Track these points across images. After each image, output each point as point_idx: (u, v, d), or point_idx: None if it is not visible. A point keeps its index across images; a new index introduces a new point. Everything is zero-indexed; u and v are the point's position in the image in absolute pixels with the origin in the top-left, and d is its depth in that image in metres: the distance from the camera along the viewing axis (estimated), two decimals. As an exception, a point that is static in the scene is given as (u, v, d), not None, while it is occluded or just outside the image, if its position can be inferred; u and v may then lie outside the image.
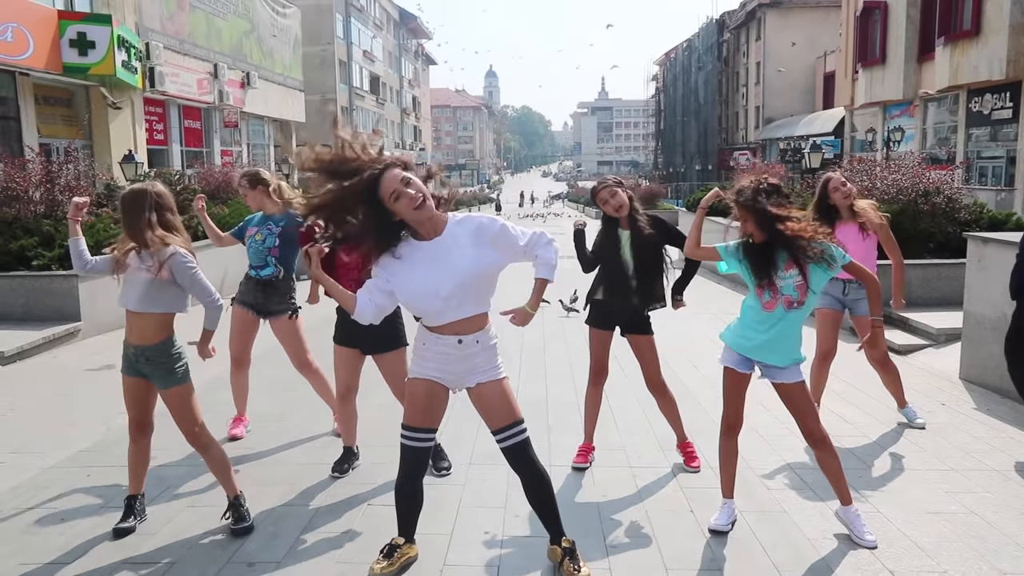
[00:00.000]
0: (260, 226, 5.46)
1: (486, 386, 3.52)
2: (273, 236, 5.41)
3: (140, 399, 4.05)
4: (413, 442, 3.55)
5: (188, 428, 4.03)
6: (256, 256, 5.44)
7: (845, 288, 5.62)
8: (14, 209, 10.54)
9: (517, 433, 3.53)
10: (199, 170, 19.39)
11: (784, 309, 3.83)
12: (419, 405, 3.54)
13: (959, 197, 11.28)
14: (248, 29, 27.67)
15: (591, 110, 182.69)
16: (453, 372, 3.51)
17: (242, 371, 5.64)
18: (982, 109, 24.20)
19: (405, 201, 3.21)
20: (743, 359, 3.99)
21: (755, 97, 48.65)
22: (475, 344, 3.46)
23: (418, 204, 3.22)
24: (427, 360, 3.51)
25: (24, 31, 14.82)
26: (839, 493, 4.03)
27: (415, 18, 65.76)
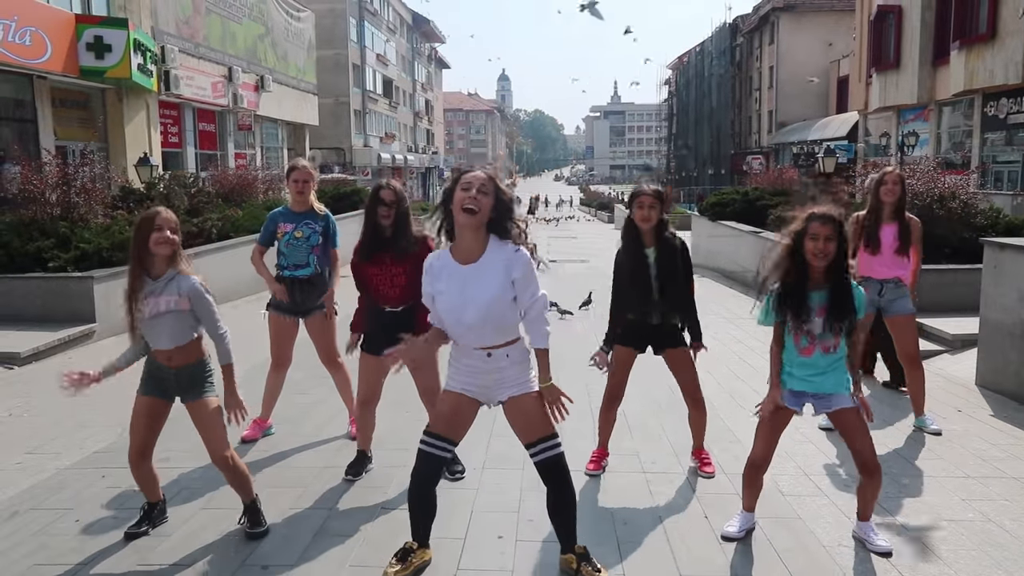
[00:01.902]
0: (297, 223, 5.47)
1: (518, 400, 3.53)
2: (317, 234, 5.49)
3: (155, 421, 4.02)
4: (430, 448, 3.55)
5: (211, 446, 3.97)
6: (297, 254, 5.46)
7: (882, 289, 5.62)
8: (31, 211, 10.62)
9: (550, 447, 3.51)
10: (213, 173, 19.48)
11: (822, 354, 3.78)
12: (444, 415, 3.56)
13: (975, 202, 11.20)
14: (263, 33, 27.79)
15: (604, 114, 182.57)
16: (483, 385, 3.54)
17: (281, 372, 5.67)
18: (998, 113, 24.04)
19: (463, 195, 3.30)
20: (792, 396, 3.90)
21: (768, 101, 48.50)
22: (504, 358, 3.49)
23: (468, 207, 3.29)
24: (458, 372, 3.55)
25: (42, 35, 14.93)
26: (863, 511, 3.98)
27: (428, 22, 65.88)
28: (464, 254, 3.40)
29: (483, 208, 3.31)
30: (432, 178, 68.22)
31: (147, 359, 4.02)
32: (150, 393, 3.99)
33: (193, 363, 3.96)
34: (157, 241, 3.79)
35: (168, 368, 3.94)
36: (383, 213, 4.60)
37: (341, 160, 42.97)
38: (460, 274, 3.38)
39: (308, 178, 5.52)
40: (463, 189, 3.32)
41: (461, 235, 3.38)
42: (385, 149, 51.52)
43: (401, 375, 4.83)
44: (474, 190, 3.29)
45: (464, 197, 3.30)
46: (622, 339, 4.84)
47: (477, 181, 3.32)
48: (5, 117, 15.53)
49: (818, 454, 5.27)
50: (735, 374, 7.45)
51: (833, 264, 3.68)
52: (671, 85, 72.34)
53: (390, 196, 4.61)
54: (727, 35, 55.56)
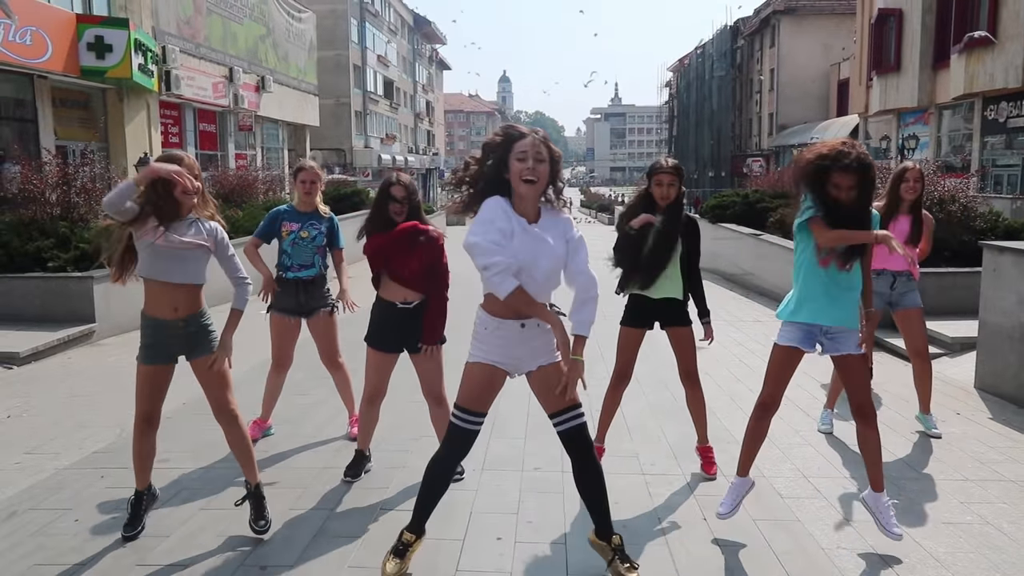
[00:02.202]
0: (303, 223, 5.45)
1: (546, 368, 3.53)
2: (322, 235, 5.48)
3: (159, 388, 4.03)
4: (464, 423, 3.55)
5: (220, 397, 4.00)
6: (302, 254, 5.45)
7: (894, 282, 5.63)
8: (31, 211, 10.62)
9: (575, 416, 3.52)
10: (214, 173, 19.48)
11: (836, 269, 3.87)
12: (476, 388, 3.53)
13: (974, 205, 11.21)
14: (264, 33, 27.80)
15: (604, 116, 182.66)
16: (515, 356, 3.52)
17: (282, 373, 5.65)
18: (997, 117, 24.05)
19: (521, 166, 3.28)
20: (807, 335, 3.96)
21: (769, 104, 48.50)
22: (536, 327, 3.47)
23: (528, 178, 3.28)
24: (488, 344, 3.51)
25: (43, 34, 14.94)
26: (873, 476, 4.01)
27: (429, 24, 65.91)
28: (527, 214, 3.38)
29: (542, 176, 3.32)
30: (432, 179, 68.21)
31: (145, 324, 3.98)
32: (152, 360, 3.97)
33: (197, 313, 3.99)
34: (184, 190, 3.83)
35: (174, 321, 3.93)
36: (395, 210, 4.59)
37: (342, 161, 42.99)
38: (530, 229, 3.35)
39: (316, 179, 5.50)
40: (519, 160, 3.29)
41: (521, 201, 3.36)
42: (386, 150, 51.55)
43: (399, 377, 4.85)
44: (531, 160, 3.28)
45: (522, 168, 3.28)
46: (628, 320, 4.88)
47: (533, 149, 3.30)
48: (5, 117, 15.55)
49: (817, 456, 5.27)
50: (735, 376, 7.45)
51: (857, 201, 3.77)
52: (672, 87, 72.35)
53: (401, 192, 4.60)
54: (728, 38, 55.56)
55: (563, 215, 3.50)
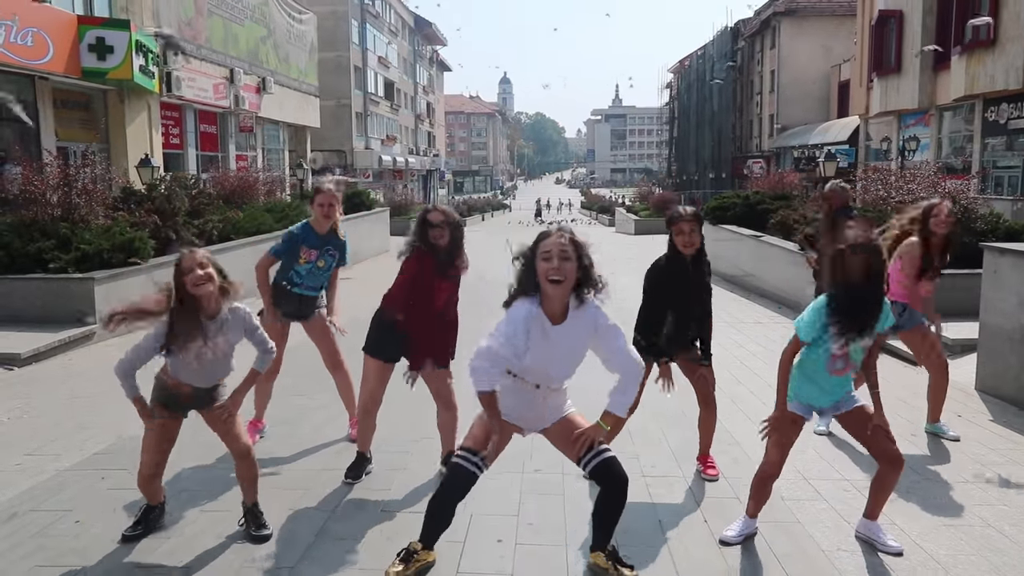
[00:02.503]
0: (320, 251, 5.42)
1: (558, 424, 3.62)
2: (334, 260, 5.50)
3: (170, 440, 4.04)
4: (466, 463, 3.56)
5: (234, 436, 4.02)
6: (316, 279, 5.49)
7: (903, 311, 5.63)
8: (31, 212, 10.62)
9: (599, 453, 3.53)
10: (214, 174, 19.48)
11: (852, 376, 3.90)
12: (486, 437, 3.56)
13: (975, 207, 11.21)
14: (264, 34, 27.80)
15: (605, 117, 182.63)
16: (527, 417, 3.62)
17: (271, 377, 5.63)
18: (998, 118, 24.05)
19: (546, 267, 3.30)
20: (807, 408, 3.97)
21: (769, 105, 48.50)
22: (549, 389, 3.57)
23: (554, 278, 3.29)
24: (504, 400, 3.56)
25: (44, 36, 14.94)
26: (873, 508, 4.01)
27: (430, 25, 65.93)
28: (553, 315, 3.40)
29: (568, 275, 3.31)
30: (433, 180, 68.25)
31: (158, 386, 3.98)
32: (162, 416, 3.97)
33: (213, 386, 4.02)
34: (194, 282, 3.69)
35: (188, 393, 3.95)
36: (435, 235, 4.52)
37: (342, 162, 43.01)
38: (553, 333, 3.39)
39: (334, 201, 5.42)
40: (544, 259, 3.30)
41: (548, 300, 3.38)
42: (386, 151, 51.55)
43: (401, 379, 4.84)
44: (555, 260, 3.29)
45: (548, 269, 3.29)
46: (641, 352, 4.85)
47: (557, 248, 3.30)
48: (6, 118, 15.53)
49: (817, 459, 5.27)
50: (736, 378, 7.45)
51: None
52: (672, 89, 72.38)
53: (438, 217, 4.55)
54: (728, 39, 55.58)
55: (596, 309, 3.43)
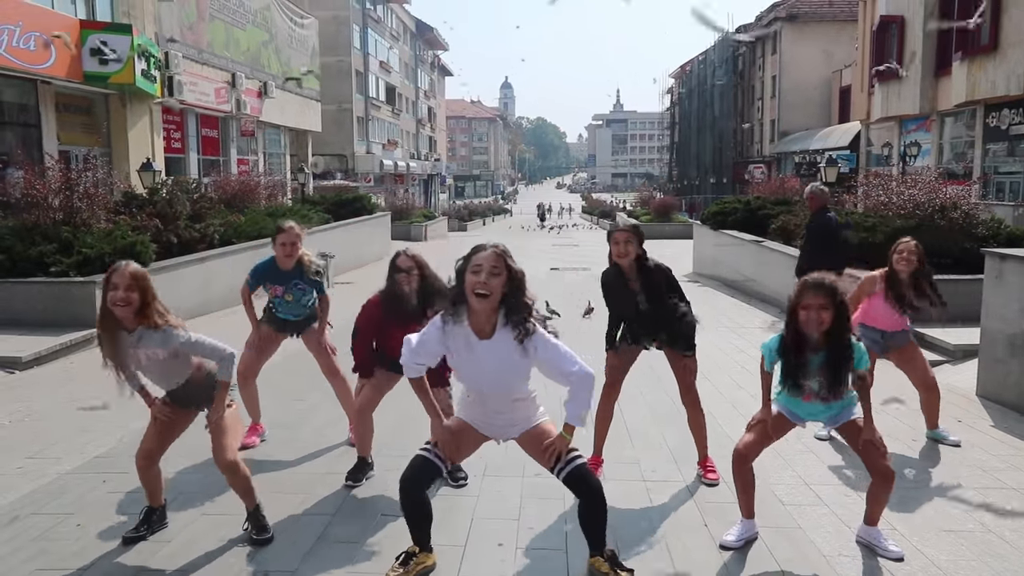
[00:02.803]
0: (287, 286, 5.47)
1: (529, 433, 3.63)
2: (309, 293, 5.54)
3: (171, 434, 4.05)
4: (426, 453, 3.60)
5: (219, 446, 3.97)
6: (289, 308, 5.55)
7: (883, 334, 5.62)
8: (33, 215, 10.64)
9: (570, 462, 3.54)
10: (216, 178, 19.50)
11: (821, 405, 3.91)
12: (449, 435, 3.64)
13: (976, 212, 11.22)
14: (266, 39, 27.85)
15: (606, 122, 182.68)
16: (494, 425, 3.64)
17: (250, 382, 5.65)
18: (999, 124, 24.06)
19: (474, 279, 3.31)
20: (796, 416, 4.04)
21: (770, 110, 48.54)
22: (511, 402, 3.59)
23: (480, 292, 3.30)
24: (468, 409, 3.66)
25: (46, 40, 14.97)
26: (872, 514, 4.03)
27: (431, 30, 66.02)
28: (480, 329, 3.42)
29: (494, 290, 3.32)
30: (434, 185, 68.28)
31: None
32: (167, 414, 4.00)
33: (203, 377, 3.98)
34: (112, 301, 3.71)
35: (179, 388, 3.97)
36: (402, 279, 4.61)
37: (343, 167, 43.04)
38: (478, 347, 3.42)
39: (296, 240, 5.44)
40: (473, 272, 3.32)
41: (475, 314, 3.40)
42: (388, 156, 51.60)
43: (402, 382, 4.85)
44: (484, 274, 3.30)
45: (475, 282, 3.30)
46: (623, 338, 4.93)
47: (487, 262, 3.31)
48: (9, 122, 15.57)
49: (818, 463, 5.27)
50: (736, 383, 7.45)
51: (832, 329, 3.72)
52: (673, 94, 72.43)
53: (407, 262, 4.63)
54: (730, 44, 55.66)
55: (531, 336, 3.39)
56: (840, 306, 3.71)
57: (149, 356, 3.82)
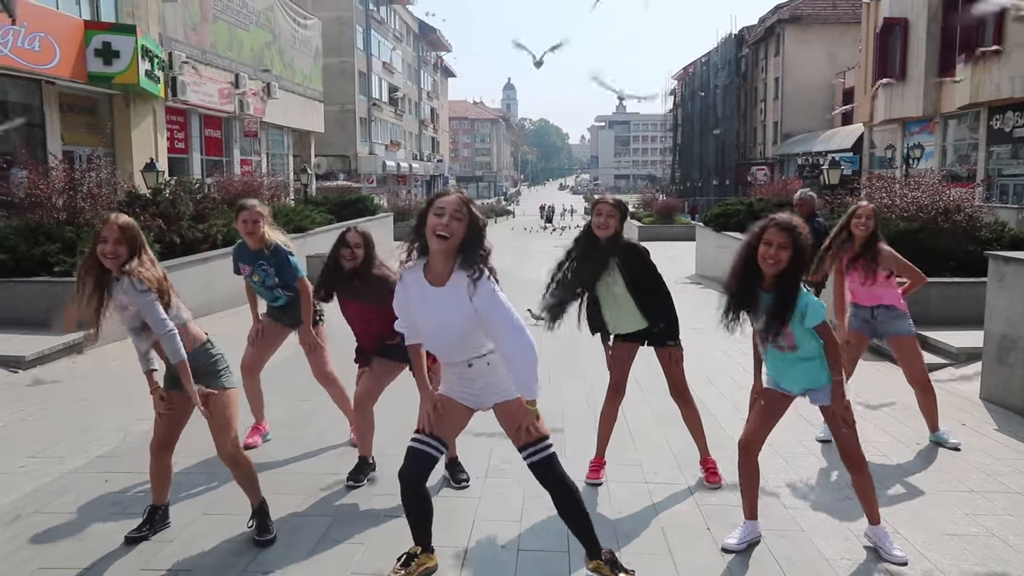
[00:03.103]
0: (253, 266, 5.42)
1: (504, 406, 3.57)
2: (272, 276, 5.43)
3: (176, 415, 4.05)
4: (418, 444, 3.57)
5: (219, 440, 3.98)
6: (263, 292, 5.54)
7: (873, 313, 5.60)
8: (37, 215, 10.66)
9: (541, 449, 3.53)
10: (219, 179, 19.53)
11: (779, 352, 3.91)
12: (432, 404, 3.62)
13: (980, 215, 11.19)
14: (270, 40, 27.91)
15: (609, 123, 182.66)
16: (471, 392, 3.59)
17: (253, 378, 5.64)
18: (1003, 127, 24.05)
19: (435, 221, 3.30)
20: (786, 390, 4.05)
21: (773, 112, 48.55)
22: (486, 366, 3.53)
23: (441, 233, 3.28)
24: (448, 380, 3.64)
25: (51, 40, 15.01)
26: (869, 513, 4.03)
27: (434, 31, 66.10)
28: (435, 276, 3.41)
29: (455, 234, 3.30)
30: (437, 186, 68.31)
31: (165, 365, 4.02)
32: (169, 387, 4.01)
33: (197, 348, 3.95)
34: (102, 253, 3.77)
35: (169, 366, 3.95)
36: (346, 255, 4.70)
37: (346, 167, 43.08)
38: (431, 294, 3.41)
39: (257, 217, 5.32)
40: (436, 214, 3.30)
41: (433, 258, 3.39)
42: (390, 157, 51.63)
43: (404, 382, 4.85)
44: (447, 216, 3.28)
45: (436, 223, 3.28)
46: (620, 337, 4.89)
47: (451, 206, 3.29)
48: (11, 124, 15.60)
49: (820, 466, 5.26)
50: (738, 384, 7.44)
51: (785, 271, 3.74)
52: (676, 95, 72.44)
53: (354, 238, 4.69)
54: (732, 46, 55.66)
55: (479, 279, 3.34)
56: (799, 251, 3.72)
57: (125, 305, 3.83)
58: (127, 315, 3.86)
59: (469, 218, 3.33)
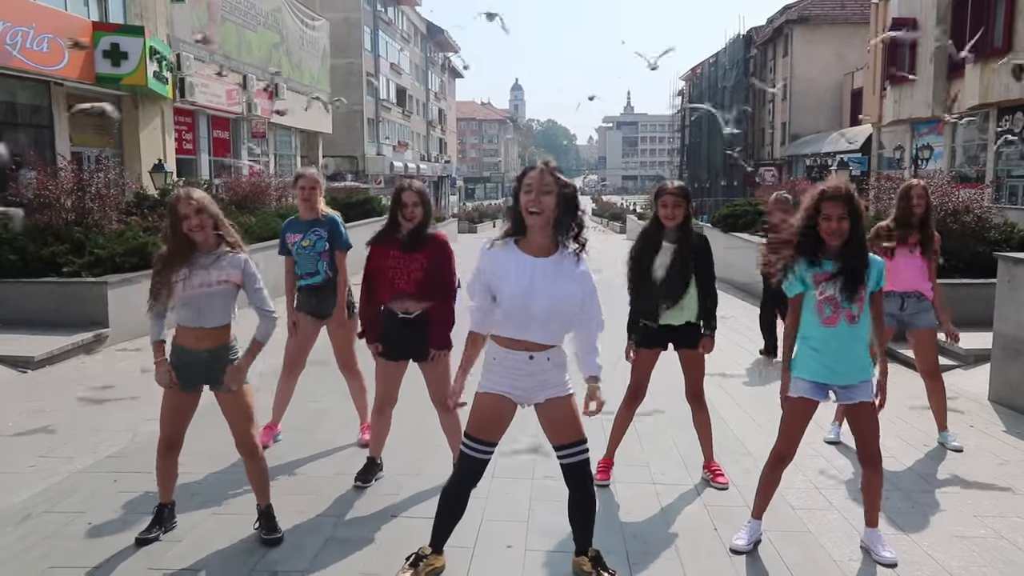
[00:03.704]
0: (305, 232, 5.50)
1: (555, 402, 3.57)
2: (324, 240, 5.50)
3: (183, 415, 4.07)
4: (472, 452, 3.58)
5: (243, 431, 4.04)
6: (306, 262, 5.50)
7: (903, 303, 5.60)
8: (46, 216, 10.70)
9: (580, 452, 3.58)
10: (227, 180, 19.58)
11: (847, 323, 3.82)
12: (485, 418, 3.57)
13: (989, 216, 11.14)
14: (277, 41, 27.97)
15: (616, 124, 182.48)
16: (523, 388, 3.55)
17: (293, 377, 5.67)
18: (1013, 127, 23.93)
19: (526, 198, 3.37)
20: (816, 387, 3.92)
21: (781, 113, 48.41)
22: (546, 361, 3.52)
23: (532, 210, 3.35)
24: (497, 375, 3.56)
25: (59, 42, 15.07)
26: (870, 514, 4.02)
27: (442, 32, 66.12)
28: (536, 248, 3.45)
29: (546, 207, 3.36)
30: (444, 187, 68.37)
31: (172, 351, 4.03)
32: (174, 385, 4.01)
33: (224, 345, 4.01)
34: (189, 228, 3.88)
35: (197, 351, 3.97)
36: (406, 215, 4.60)
37: (354, 168, 43.13)
38: (531, 265, 3.42)
39: (315, 185, 5.55)
40: (525, 192, 3.38)
41: (532, 232, 3.43)
42: (398, 158, 51.68)
43: (413, 383, 4.86)
44: (534, 192, 3.35)
45: (527, 200, 3.36)
46: (643, 342, 4.87)
47: (537, 180, 3.36)
48: (22, 123, 15.66)
49: (829, 467, 5.25)
50: (746, 385, 7.43)
51: (849, 240, 3.77)
52: (684, 96, 72.35)
53: (412, 197, 4.62)
54: (740, 47, 55.52)
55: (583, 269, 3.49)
56: (857, 215, 3.75)
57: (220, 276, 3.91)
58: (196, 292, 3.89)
59: (559, 187, 3.38)
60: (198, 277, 3.89)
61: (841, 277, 3.78)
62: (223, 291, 3.96)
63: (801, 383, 3.94)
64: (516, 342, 3.47)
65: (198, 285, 3.89)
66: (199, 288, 3.89)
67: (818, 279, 3.82)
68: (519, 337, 3.47)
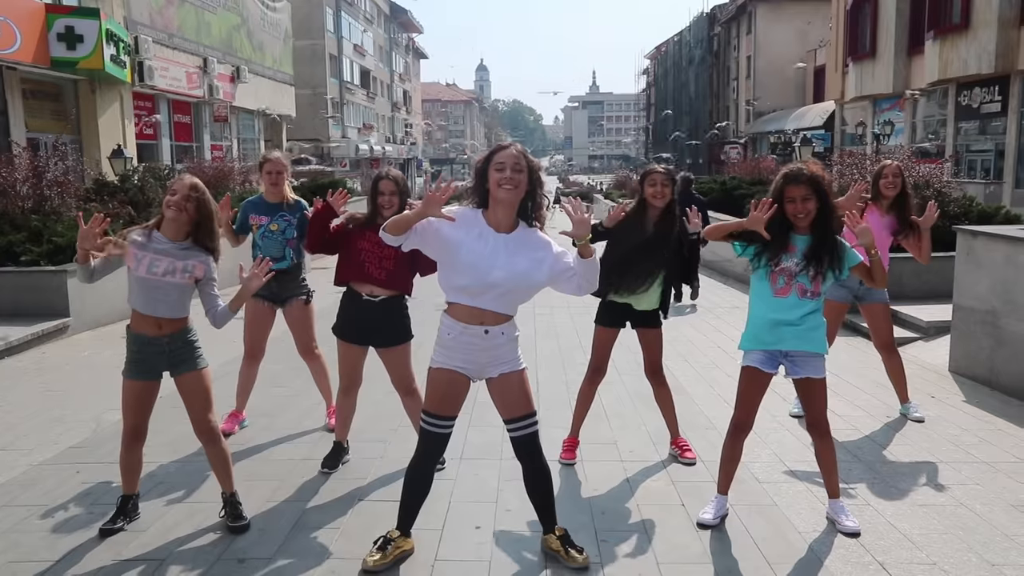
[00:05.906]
0: (273, 216, 5.43)
1: (507, 376, 3.62)
2: (293, 227, 5.44)
3: (145, 404, 4.01)
4: (432, 427, 3.62)
5: (202, 416, 3.99)
6: (272, 247, 5.42)
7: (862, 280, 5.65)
8: (1, 204, 10.46)
9: (529, 424, 3.64)
10: (189, 165, 19.27)
11: (798, 296, 3.85)
12: (440, 393, 3.59)
13: (948, 191, 11.31)
14: (238, 23, 27.52)
15: (582, 104, 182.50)
16: (476, 362, 3.58)
17: (254, 364, 5.61)
18: (971, 103, 24.29)
19: (499, 176, 3.37)
20: (767, 357, 3.96)
21: (745, 91, 48.71)
22: (500, 335, 3.55)
23: (507, 186, 3.37)
24: (451, 350, 3.57)
25: (11, 25, 14.70)
26: (829, 485, 4.08)
27: (406, 12, 65.51)
28: (498, 224, 3.47)
29: (520, 185, 3.40)
30: (410, 169, 67.94)
31: (130, 339, 3.96)
32: (137, 376, 3.95)
33: (182, 330, 3.97)
34: (167, 203, 3.83)
35: (158, 337, 3.91)
36: (384, 203, 4.56)
37: (319, 152, 42.70)
38: (494, 238, 3.44)
39: (282, 169, 5.49)
40: (497, 170, 3.39)
41: (496, 209, 3.45)
42: (363, 140, 51.24)
43: (376, 367, 4.83)
44: (508, 170, 3.37)
45: (500, 178, 3.37)
46: (603, 320, 4.90)
47: (511, 159, 3.38)
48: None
49: (793, 441, 5.32)
50: (713, 362, 7.49)
51: (817, 219, 3.79)
52: (649, 75, 72.42)
53: (390, 187, 4.59)
54: (705, 25, 55.70)
55: (539, 234, 3.54)
56: (822, 193, 3.78)
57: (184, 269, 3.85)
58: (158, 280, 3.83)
59: (528, 168, 3.42)
60: (163, 263, 3.83)
61: (803, 261, 3.81)
62: (183, 285, 3.90)
63: (753, 353, 3.99)
64: (471, 313, 3.48)
65: (162, 273, 3.82)
66: (163, 277, 3.83)
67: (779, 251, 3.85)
68: (473, 305, 3.48)
